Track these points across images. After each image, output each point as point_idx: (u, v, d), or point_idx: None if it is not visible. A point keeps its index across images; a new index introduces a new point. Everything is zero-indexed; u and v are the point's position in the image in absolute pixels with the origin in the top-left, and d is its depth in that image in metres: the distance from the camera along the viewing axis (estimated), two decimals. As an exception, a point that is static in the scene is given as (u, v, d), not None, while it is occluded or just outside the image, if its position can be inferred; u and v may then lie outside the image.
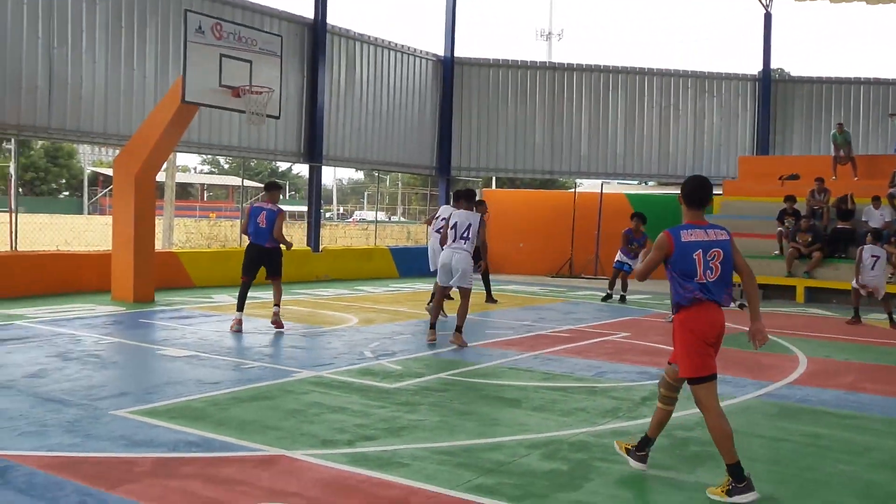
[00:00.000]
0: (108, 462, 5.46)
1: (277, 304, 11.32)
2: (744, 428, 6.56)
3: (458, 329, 10.54)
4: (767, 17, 26.21)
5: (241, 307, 11.25)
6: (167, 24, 17.05)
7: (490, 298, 15.73)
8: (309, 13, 20.52)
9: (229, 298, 14.80)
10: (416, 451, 5.84)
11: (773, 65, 27.39)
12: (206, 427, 6.30)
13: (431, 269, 12.27)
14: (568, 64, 25.21)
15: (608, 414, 7.19)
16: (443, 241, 11.08)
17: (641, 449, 5.57)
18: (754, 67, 28.80)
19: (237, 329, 11.02)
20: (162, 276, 15.24)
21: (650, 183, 34.42)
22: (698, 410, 5.31)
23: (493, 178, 31.20)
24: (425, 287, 17.85)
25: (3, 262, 14.32)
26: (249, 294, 11.38)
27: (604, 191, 24.18)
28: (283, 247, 11.28)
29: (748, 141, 26.10)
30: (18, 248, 15.40)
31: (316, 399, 7.40)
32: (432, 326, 10.87)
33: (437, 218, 12.96)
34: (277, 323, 11.24)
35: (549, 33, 74.97)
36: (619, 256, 17.06)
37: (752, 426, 6.85)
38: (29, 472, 5.17)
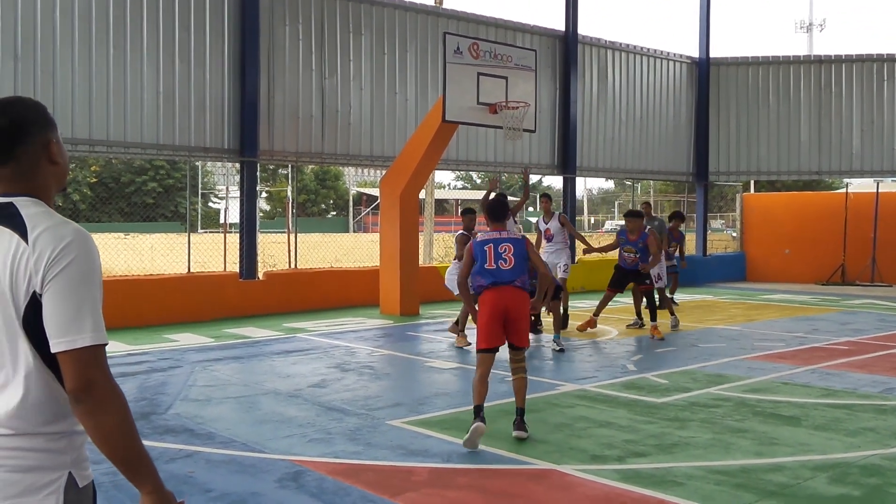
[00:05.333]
0: (388, 470, 5.72)
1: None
2: None
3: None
4: None
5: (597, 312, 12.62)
6: (426, 47, 17.78)
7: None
8: (560, 25, 20.61)
9: (489, 311, 15.10)
10: (690, 470, 5.65)
11: None
12: (477, 439, 6.44)
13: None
14: (836, 55, 23.50)
15: (902, 435, 6.59)
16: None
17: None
18: None
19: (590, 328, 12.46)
20: (425, 291, 15.84)
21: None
22: None
23: (752, 182, 29.72)
24: (688, 297, 17.36)
25: (285, 279, 15.54)
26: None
27: (880, 190, 22.31)
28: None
29: None
30: (297, 266, 16.63)
31: (582, 413, 7.36)
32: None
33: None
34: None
35: (810, 24, 70.65)
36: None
37: None
38: (319, 477, 5.54)
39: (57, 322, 2.02)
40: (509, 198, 11.99)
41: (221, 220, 37.28)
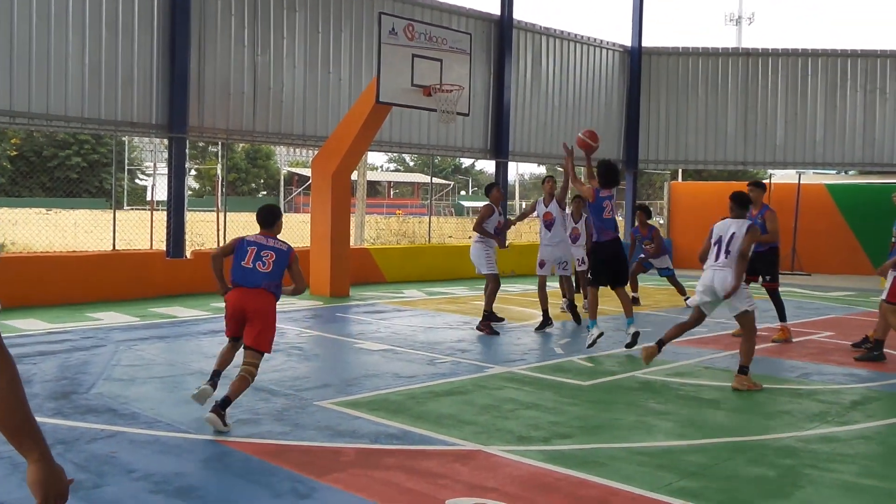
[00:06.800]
0: (316, 451, 5.71)
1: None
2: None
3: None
4: None
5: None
6: (360, 27, 17.65)
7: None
8: (495, 9, 20.66)
9: (420, 294, 15.16)
10: (613, 451, 5.76)
11: None
12: (405, 420, 6.47)
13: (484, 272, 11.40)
14: (763, 49, 24.08)
15: (816, 418, 6.82)
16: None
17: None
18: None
19: None
20: (356, 272, 15.79)
21: (851, 172, 32.43)
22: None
23: (680, 171, 30.32)
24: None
25: (213, 258, 15.30)
26: (442, 290, 11.63)
27: (802, 181, 22.96)
28: None
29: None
30: (226, 245, 16.42)
31: (509, 395, 7.44)
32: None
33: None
34: None
35: (739, 17, 72.13)
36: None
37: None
38: (245, 457, 5.49)
39: None
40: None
41: (148, 198, 36.55)
